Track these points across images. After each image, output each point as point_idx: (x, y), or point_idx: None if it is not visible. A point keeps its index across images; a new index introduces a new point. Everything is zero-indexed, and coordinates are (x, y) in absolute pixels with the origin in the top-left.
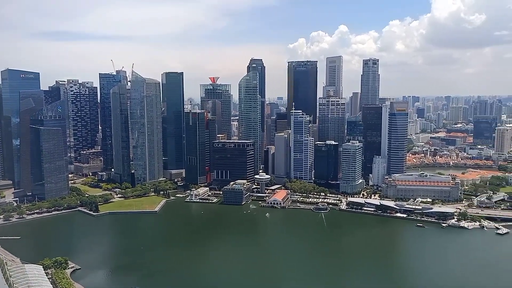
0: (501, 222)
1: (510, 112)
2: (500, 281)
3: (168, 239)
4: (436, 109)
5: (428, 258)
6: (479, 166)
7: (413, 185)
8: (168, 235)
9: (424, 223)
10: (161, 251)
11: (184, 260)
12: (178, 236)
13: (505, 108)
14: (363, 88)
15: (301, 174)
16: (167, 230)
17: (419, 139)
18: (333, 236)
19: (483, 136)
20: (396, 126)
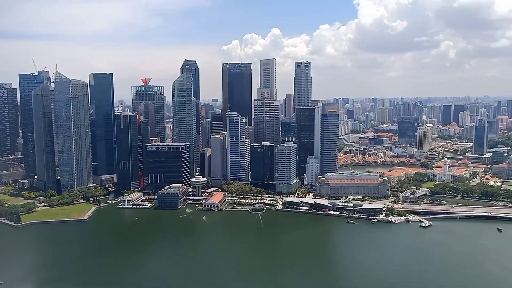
0: (424, 215)
1: (430, 113)
2: (424, 269)
3: (100, 248)
4: (364, 110)
5: (359, 253)
6: (404, 163)
7: (345, 183)
8: (99, 244)
9: (355, 219)
10: (92, 261)
11: (118, 269)
12: (110, 244)
13: (425, 109)
14: (296, 90)
15: (237, 175)
16: (98, 239)
17: (350, 139)
18: (270, 236)
19: (407, 135)
20: (328, 127)
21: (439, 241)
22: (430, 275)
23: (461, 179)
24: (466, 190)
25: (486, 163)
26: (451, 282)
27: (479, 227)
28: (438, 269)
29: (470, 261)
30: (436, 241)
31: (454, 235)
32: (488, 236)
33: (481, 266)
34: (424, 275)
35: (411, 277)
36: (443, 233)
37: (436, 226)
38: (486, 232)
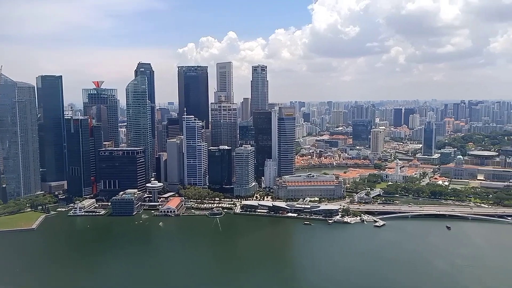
0: (378, 215)
1: (382, 116)
2: (379, 266)
3: (49, 258)
4: (320, 114)
5: (317, 253)
6: (358, 165)
7: (302, 185)
8: (49, 254)
9: (312, 220)
10: (41, 271)
11: (68, 279)
12: (61, 253)
13: (378, 112)
14: (253, 93)
15: (195, 180)
16: (47, 248)
17: (306, 142)
18: (229, 240)
19: (361, 137)
20: (285, 130)
21: (392, 239)
22: (384, 273)
23: (412, 179)
24: (417, 190)
25: (435, 164)
26: (402, 279)
27: (429, 225)
28: (391, 267)
29: (420, 258)
30: (389, 240)
31: (406, 234)
32: (438, 233)
33: (430, 262)
34: (377, 273)
35: (366, 276)
36: (396, 232)
37: (389, 225)
38: (436, 230)
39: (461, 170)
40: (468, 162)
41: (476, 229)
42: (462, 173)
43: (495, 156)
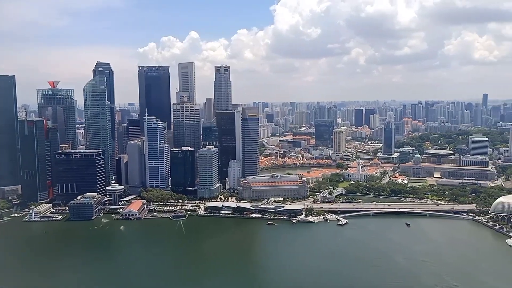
0: (341, 214)
1: (344, 116)
2: (342, 264)
3: (3, 265)
4: (283, 114)
5: (281, 253)
6: (321, 165)
7: (266, 186)
8: (2, 262)
9: (277, 220)
10: None
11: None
12: (15, 261)
13: (339, 113)
14: (216, 94)
15: (157, 182)
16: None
17: (270, 143)
18: (193, 243)
19: (323, 138)
20: (249, 130)
21: (354, 237)
22: (346, 270)
23: (373, 178)
24: (378, 188)
25: (394, 163)
26: (364, 276)
27: (389, 223)
28: (354, 264)
29: (381, 255)
30: (351, 238)
31: (367, 231)
32: (398, 230)
33: (391, 259)
34: (341, 271)
35: (329, 274)
36: (358, 229)
37: (352, 223)
38: (396, 227)
39: (419, 168)
40: (425, 160)
41: (433, 225)
42: (420, 171)
43: (450, 154)
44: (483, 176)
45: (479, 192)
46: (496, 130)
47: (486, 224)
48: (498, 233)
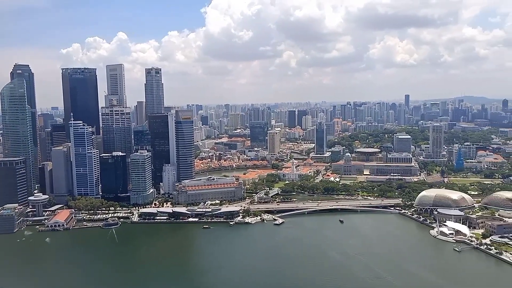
0: (277, 214)
1: (277, 118)
2: (279, 262)
3: None
4: (218, 116)
5: (219, 255)
6: (257, 166)
7: (203, 189)
8: None
9: (213, 223)
10: None
11: None
12: None
13: (273, 114)
14: (148, 97)
15: (86, 190)
16: None
17: (205, 145)
18: (126, 251)
19: (258, 139)
20: (183, 133)
21: (291, 236)
22: (284, 268)
23: (307, 177)
24: (312, 187)
25: (327, 162)
26: (301, 272)
27: (324, 220)
28: (291, 262)
29: (317, 251)
30: (288, 236)
31: (303, 229)
32: (332, 227)
33: (326, 254)
34: (278, 269)
35: (267, 273)
36: (294, 228)
37: (288, 222)
38: (330, 224)
39: (349, 166)
40: (355, 158)
41: (365, 220)
42: (351, 169)
43: (377, 152)
44: (407, 172)
45: (404, 187)
46: (418, 129)
47: (411, 217)
48: (422, 225)
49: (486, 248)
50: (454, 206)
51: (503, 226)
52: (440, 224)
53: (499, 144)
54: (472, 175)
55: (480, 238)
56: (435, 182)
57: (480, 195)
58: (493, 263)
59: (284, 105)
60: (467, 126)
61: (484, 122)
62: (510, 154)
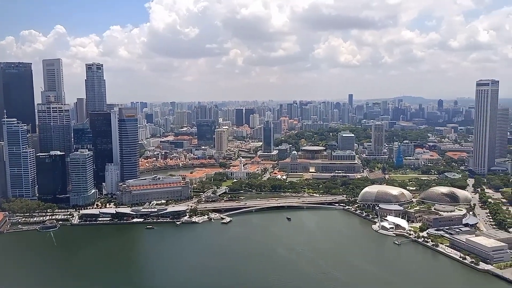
0: (225, 212)
1: (225, 116)
2: (228, 261)
3: None
4: (163, 114)
5: (165, 256)
6: (204, 165)
7: (148, 189)
8: None
9: (160, 223)
10: None
11: None
12: None
13: (221, 112)
14: (89, 93)
15: (21, 191)
16: None
17: (150, 144)
18: (65, 255)
19: (206, 137)
20: (127, 132)
21: (239, 234)
22: (233, 267)
23: (254, 176)
24: (259, 185)
25: (274, 160)
26: (251, 270)
27: (271, 217)
28: (239, 259)
29: (265, 248)
30: (236, 234)
31: (251, 227)
32: (279, 224)
33: (273, 251)
34: (227, 267)
35: (216, 271)
36: (243, 226)
37: (236, 220)
38: (278, 221)
39: (296, 164)
40: (301, 156)
41: (310, 216)
42: (297, 167)
43: (323, 150)
44: (351, 169)
45: (348, 183)
46: (361, 127)
47: (354, 213)
48: (365, 220)
49: (423, 240)
50: (394, 201)
51: (439, 220)
52: (382, 219)
53: (435, 142)
54: (410, 172)
55: (418, 231)
56: (377, 178)
57: (418, 190)
58: (429, 254)
59: (232, 103)
60: (406, 125)
61: (421, 121)
62: (444, 151)
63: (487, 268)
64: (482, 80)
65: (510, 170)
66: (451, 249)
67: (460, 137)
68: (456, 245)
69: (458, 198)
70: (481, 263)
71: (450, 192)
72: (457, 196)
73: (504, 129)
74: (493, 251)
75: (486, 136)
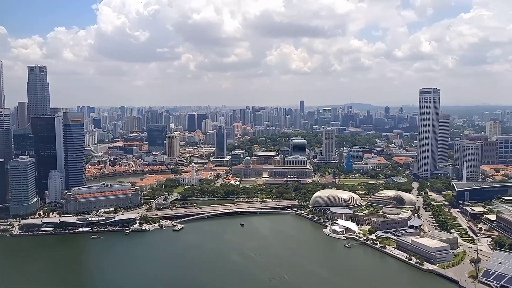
0: (176, 219)
1: (176, 121)
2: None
3: None
4: (112, 119)
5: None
6: (155, 171)
7: (95, 196)
8: None
9: (108, 233)
10: None
11: None
12: None
13: (172, 117)
14: (31, 97)
15: None
16: None
17: (98, 150)
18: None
19: (156, 143)
20: (72, 137)
21: (191, 241)
22: (185, 275)
23: (207, 182)
24: (212, 191)
25: (227, 165)
26: (202, 277)
27: (225, 223)
28: (191, 267)
29: (218, 255)
30: (188, 242)
31: (204, 234)
32: (232, 230)
33: (227, 257)
34: (179, 276)
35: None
36: (195, 233)
37: (188, 227)
38: (231, 227)
39: (249, 169)
40: (254, 162)
41: (264, 222)
42: (250, 172)
43: (275, 155)
44: (302, 174)
45: (300, 188)
46: (312, 133)
47: (306, 217)
48: (316, 224)
49: (372, 243)
50: (344, 205)
51: (386, 222)
52: (332, 223)
53: (382, 147)
54: (359, 176)
55: (367, 234)
56: (327, 183)
57: (367, 194)
58: (377, 256)
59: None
60: (355, 131)
61: (370, 127)
62: (391, 156)
63: (431, 268)
64: (425, 89)
65: (451, 174)
66: (397, 251)
67: (405, 143)
68: (403, 246)
69: (404, 201)
70: (426, 263)
71: (397, 196)
72: (403, 199)
73: (445, 135)
74: (437, 251)
75: (429, 141)
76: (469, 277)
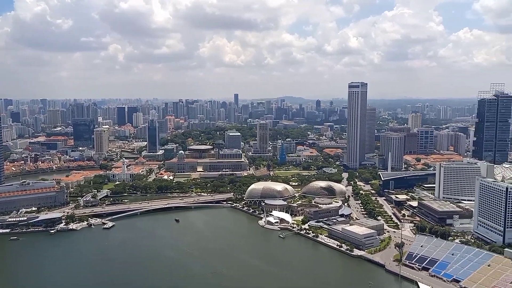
0: (107, 217)
1: (105, 114)
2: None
3: None
4: (33, 113)
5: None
6: (82, 167)
7: (15, 195)
8: None
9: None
10: None
11: None
12: None
13: (100, 111)
14: None
15: None
16: None
17: (17, 145)
18: None
19: (83, 138)
20: None
21: (123, 239)
22: (116, 275)
23: (139, 177)
24: (144, 187)
25: (160, 160)
26: (135, 276)
27: (158, 219)
28: (124, 266)
29: (152, 252)
30: (120, 240)
31: (137, 231)
32: (167, 226)
33: (161, 254)
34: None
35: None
36: (127, 231)
37: (120, 225)
38: (165, 223)
39: (183, 164)
40: (188, 156)
41: (199, 216)
42: (184, 166)
43: (210, 149)
44: (238, 167)
45: (235, 181)
46: (246, 126)
47: (242, 210)
48: (252, 216)
49: (305, 232)
50: (278, 197)
51: (318, 212)
52: (267, 214)
53: (314, 139)
54: (293, 168)
55: (300, 224)
56: (262, 175)
57: (300, 185)
58: (310, 245)
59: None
60: (288, 124)
61: (302, 120)
62: (322, 148)
63: (360, 253)
64: (353, 83)
65: (378, 164)
66: (329, 239)
67: (335, 135)
68: (334, 234)
69: (335, 191)
70: (355, 250)
71: (328, 186)
72: (333, 189)
73: (372, 127)
74: (365, 237)
75: (357, 133)
76: (394, 261)
